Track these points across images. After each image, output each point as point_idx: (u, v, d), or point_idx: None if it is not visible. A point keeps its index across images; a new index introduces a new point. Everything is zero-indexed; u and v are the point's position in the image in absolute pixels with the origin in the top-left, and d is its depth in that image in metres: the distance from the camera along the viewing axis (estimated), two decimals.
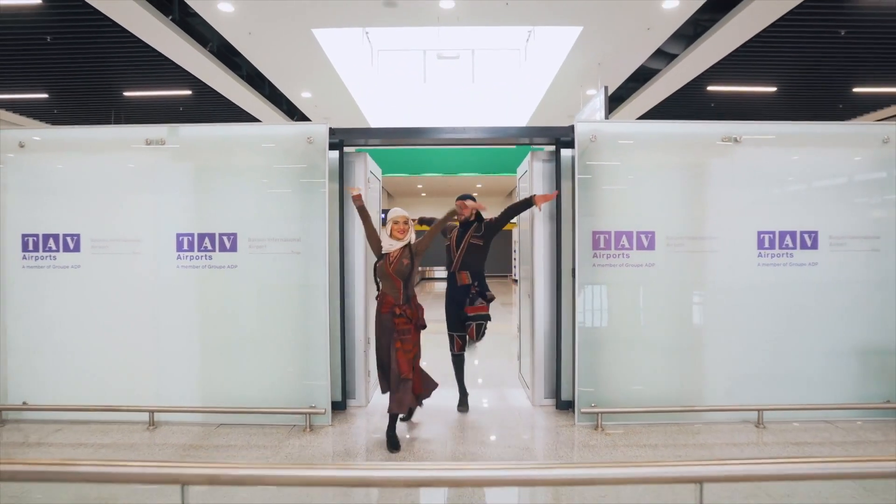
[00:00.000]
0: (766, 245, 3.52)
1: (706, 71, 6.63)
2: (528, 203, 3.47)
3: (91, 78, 7.11)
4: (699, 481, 1.50)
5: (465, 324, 3.51)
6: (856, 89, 7.37)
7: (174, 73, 6.78)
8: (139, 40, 5.71)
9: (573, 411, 3.46)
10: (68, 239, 3.57)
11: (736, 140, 3.54)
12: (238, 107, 8.15)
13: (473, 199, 3.64)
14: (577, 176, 3.43)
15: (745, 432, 3.31)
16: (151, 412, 3.42)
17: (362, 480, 1.76)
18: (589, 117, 6.29)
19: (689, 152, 3.62)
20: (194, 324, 3.51)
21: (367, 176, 3.90)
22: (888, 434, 3.26)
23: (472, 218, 3.61)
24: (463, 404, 3.69)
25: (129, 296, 3.51)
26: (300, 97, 8.14)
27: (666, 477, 1.55)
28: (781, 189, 3.59)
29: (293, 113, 9.43)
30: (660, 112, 8.27)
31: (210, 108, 8.30)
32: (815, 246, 3.52)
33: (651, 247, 3.48)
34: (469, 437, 3.29)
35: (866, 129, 4.12)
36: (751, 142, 3.57)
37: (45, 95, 7.60)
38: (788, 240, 3.52)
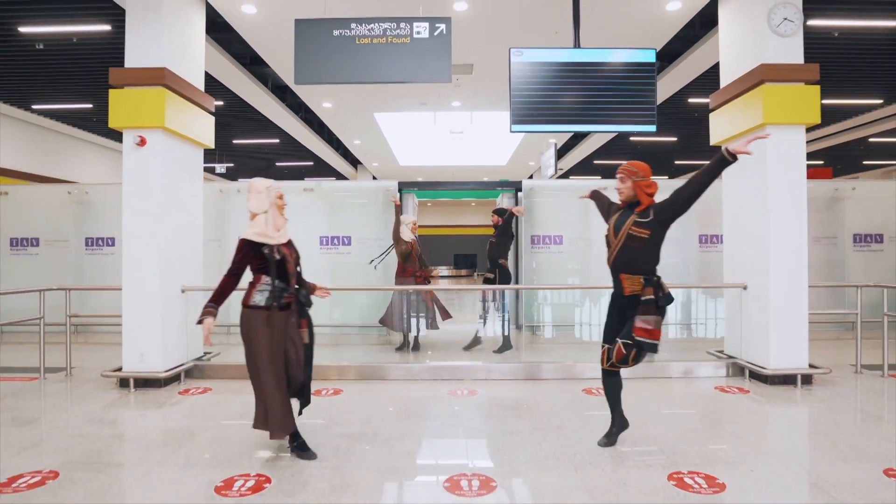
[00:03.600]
0: None
1: None
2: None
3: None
4: None
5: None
6: None
7: (273, 130, 10.22)
8: (260, 114, 9.13)
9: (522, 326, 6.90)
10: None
11: (605, 189, 6.97)
12: (306, 147, 11.59)
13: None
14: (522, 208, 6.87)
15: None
16: None
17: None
18: (546, 160, 9.75)
19: (580, 193, 7.04)
20: (327, 282, 6.90)
21: (415, 203, 7.34)
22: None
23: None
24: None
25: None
26: (353, 143, 11.62)
27: None
28: None
29: (339, 146, 12.86)
30: (604, 150, 11.75)
31: (287, 149, 11.76)
32: None
33: (560, 242, 6.90)
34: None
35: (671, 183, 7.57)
36: (612, 188, 7.00)
37: None
38: None
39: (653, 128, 4.50)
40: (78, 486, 2.48)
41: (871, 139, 11.01)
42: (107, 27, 5.58)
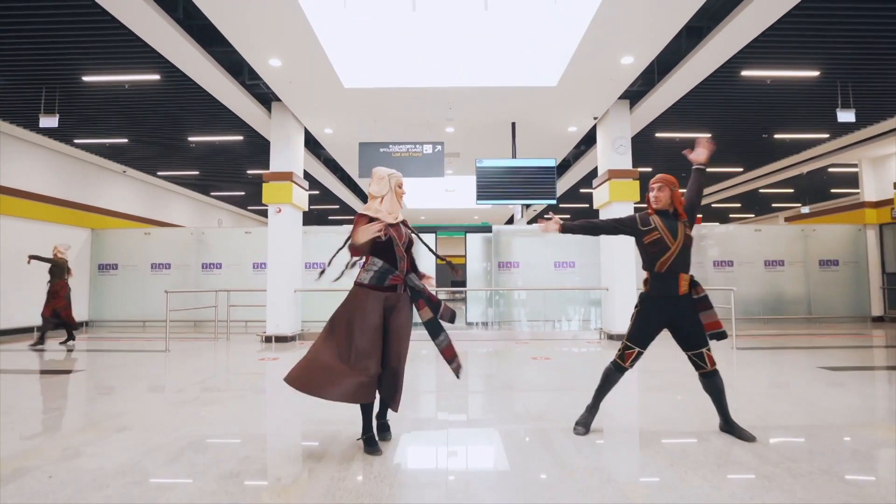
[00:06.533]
0: (557, 266, 10.54)
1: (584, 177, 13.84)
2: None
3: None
4: None
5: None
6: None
7: (317, 185, 13.95)
8: (313, 177, 12.85)
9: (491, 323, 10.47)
10: (319, 263, 10.61)
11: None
12: (336, 195, 15.33)
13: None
14: (492, 243, 10.53)
15: (546, 327, 10.25)
16: None
17: None
18: (518, 209, 13.46)
19: (532, 236, 10.72)
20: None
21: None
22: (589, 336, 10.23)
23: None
24: None
25: (342, 281, 10.48)
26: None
27: None
28: (564, 246, 10.64)
29: (360, 194, 16.61)
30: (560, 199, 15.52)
31: (323, 198, 15.51)
32: (573, 266, 10.55)
33: (518, 266, 10.52)
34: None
35: None
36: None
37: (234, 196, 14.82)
38: (564, 264, 10.55)
39: (553, 201, 8.20)
40: (289, 364, 6.04)
41: (760, 190, 14.79)
42: (240, 137, 9.37)
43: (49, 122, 6.80)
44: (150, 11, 5.11)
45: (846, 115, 6.78)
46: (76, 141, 9.44)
